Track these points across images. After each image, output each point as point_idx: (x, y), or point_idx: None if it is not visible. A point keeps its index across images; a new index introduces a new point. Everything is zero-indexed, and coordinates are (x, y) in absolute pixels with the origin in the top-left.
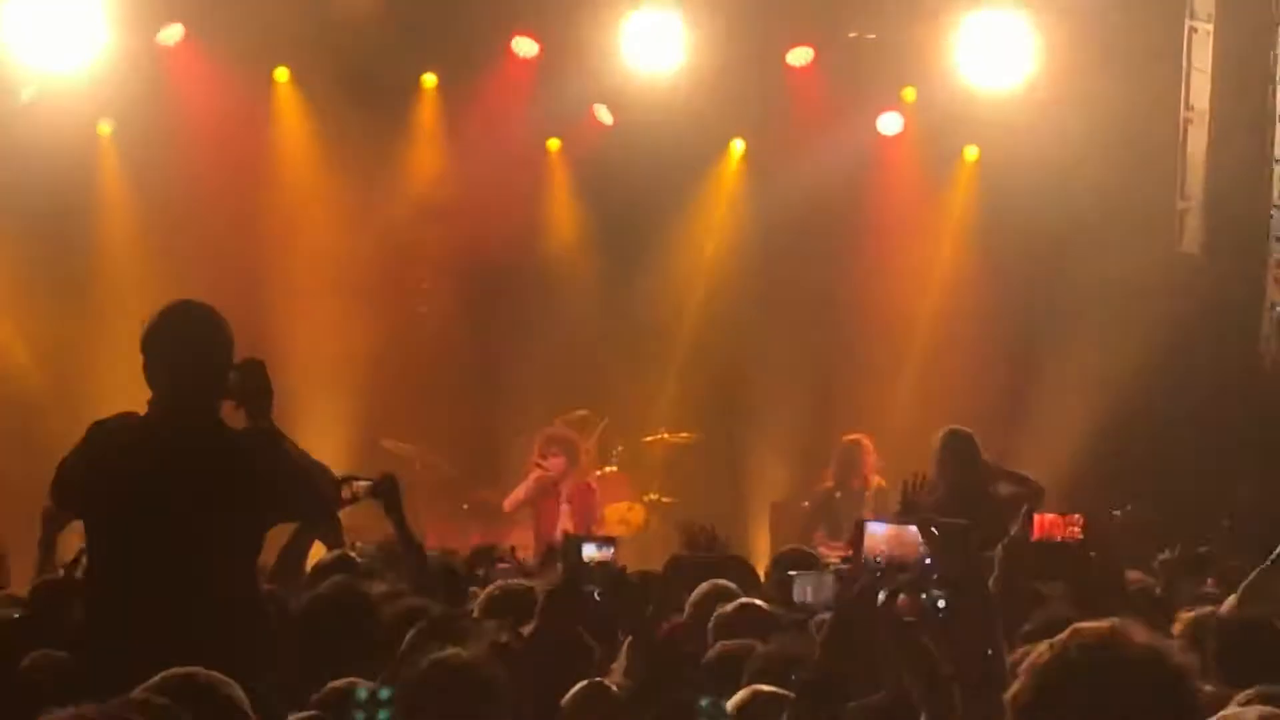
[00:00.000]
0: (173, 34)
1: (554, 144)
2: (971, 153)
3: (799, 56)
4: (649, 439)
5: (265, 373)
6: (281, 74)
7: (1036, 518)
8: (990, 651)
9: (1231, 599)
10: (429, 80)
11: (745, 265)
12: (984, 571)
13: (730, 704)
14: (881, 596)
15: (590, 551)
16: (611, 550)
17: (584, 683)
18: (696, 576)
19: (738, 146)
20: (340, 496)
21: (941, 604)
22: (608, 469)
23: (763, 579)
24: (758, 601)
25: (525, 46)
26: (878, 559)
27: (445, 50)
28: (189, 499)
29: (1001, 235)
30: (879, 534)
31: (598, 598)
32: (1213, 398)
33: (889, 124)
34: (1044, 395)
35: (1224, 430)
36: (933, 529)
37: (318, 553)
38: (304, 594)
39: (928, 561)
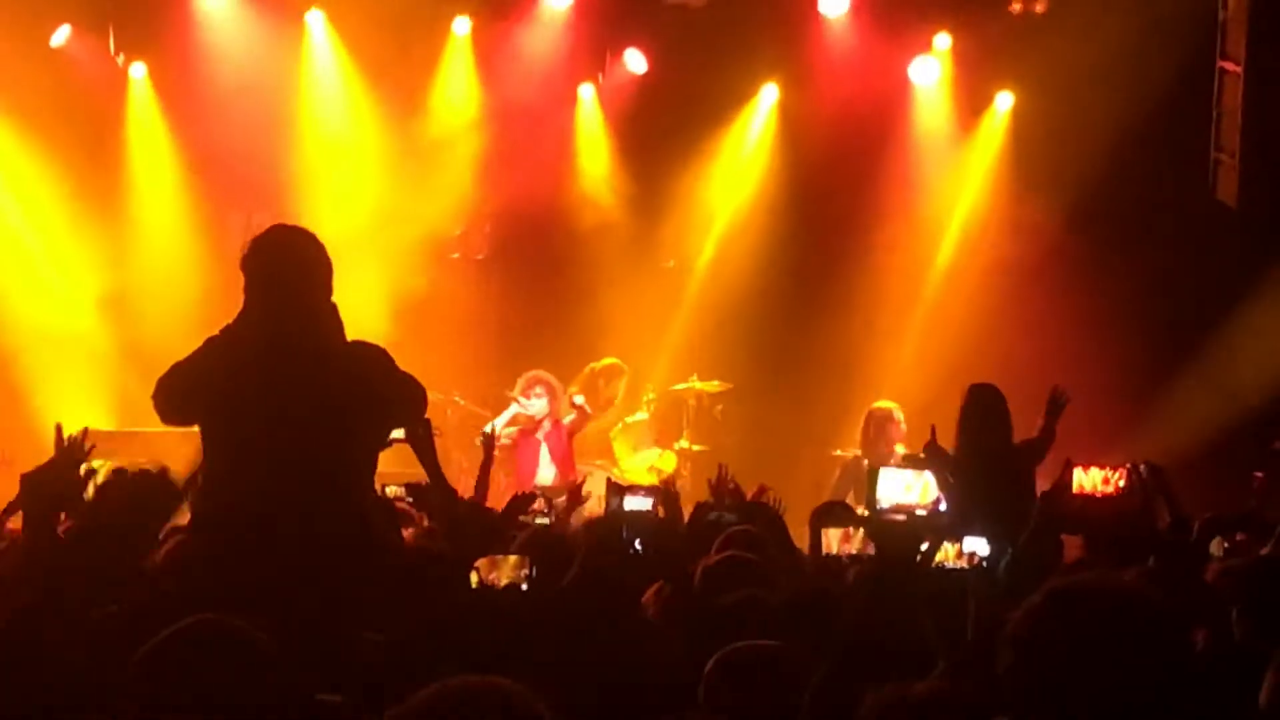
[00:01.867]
0: None
1: (585, 89)
2: (1005, 100)
3: (833, 1)
4: (679, 387)
5: (338, 315)
6: (315, 16)
7: (1077, 470)
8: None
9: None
10: (462, 24)
11: (776, 213)
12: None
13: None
14: (924, 547)
15: (632, 503)
16: (651, 501)
17: None
18: (722, 524)
19: (770, 92)
20: (425, 405)
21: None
22: (638, 416)
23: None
24: (745, 554)
25: None
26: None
27: None
28: (305, 407)
29: (1034, 184)
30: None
31: (638, 547)
32: (1248, 351)
33: (922, 71)
34: (1080, 346)
35: (1260, 384)
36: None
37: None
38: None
39: (941, 507)
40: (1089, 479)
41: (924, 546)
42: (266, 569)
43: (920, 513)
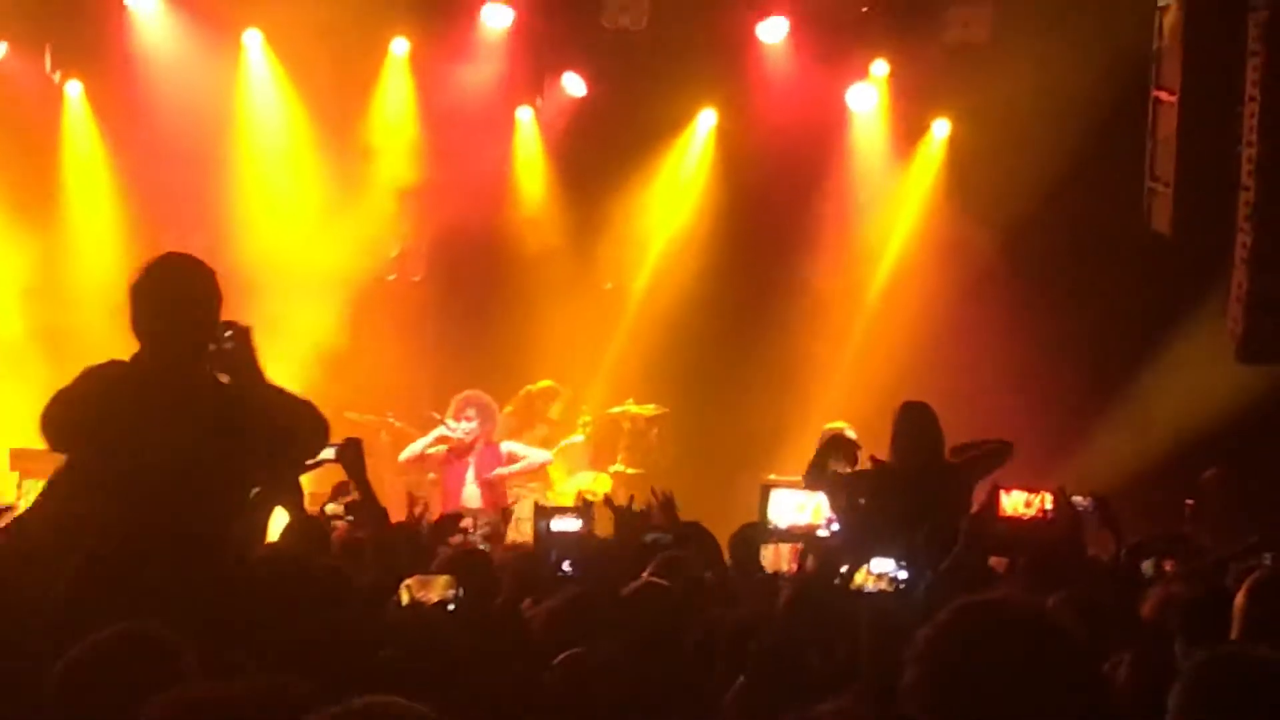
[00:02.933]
0: None
1: (524, 112)
2: (942, 128)
3: (771, 27)
4: (615, 410)
5: (251, 338)
6: (252, 36)
7: (1002, 494)
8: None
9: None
10: (400, 45)
11: (714, 237)
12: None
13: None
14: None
15: (560, 525)
16: (581, 524)
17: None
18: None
19: (708, 116)
20: (328, 434)
21: (903, 576)
22: (574, 439)
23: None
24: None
25: (498, 13)
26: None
27: (417, 15)
28: (186, 439)
29: (970, 211)
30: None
31: (567, 569)
32: (1180, 379)
33: (859, 98)
34: (1015, 371)
35: (1191, 412)
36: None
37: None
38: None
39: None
40: (1011, 502)
41: (843, 569)
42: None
43: (822, 533)
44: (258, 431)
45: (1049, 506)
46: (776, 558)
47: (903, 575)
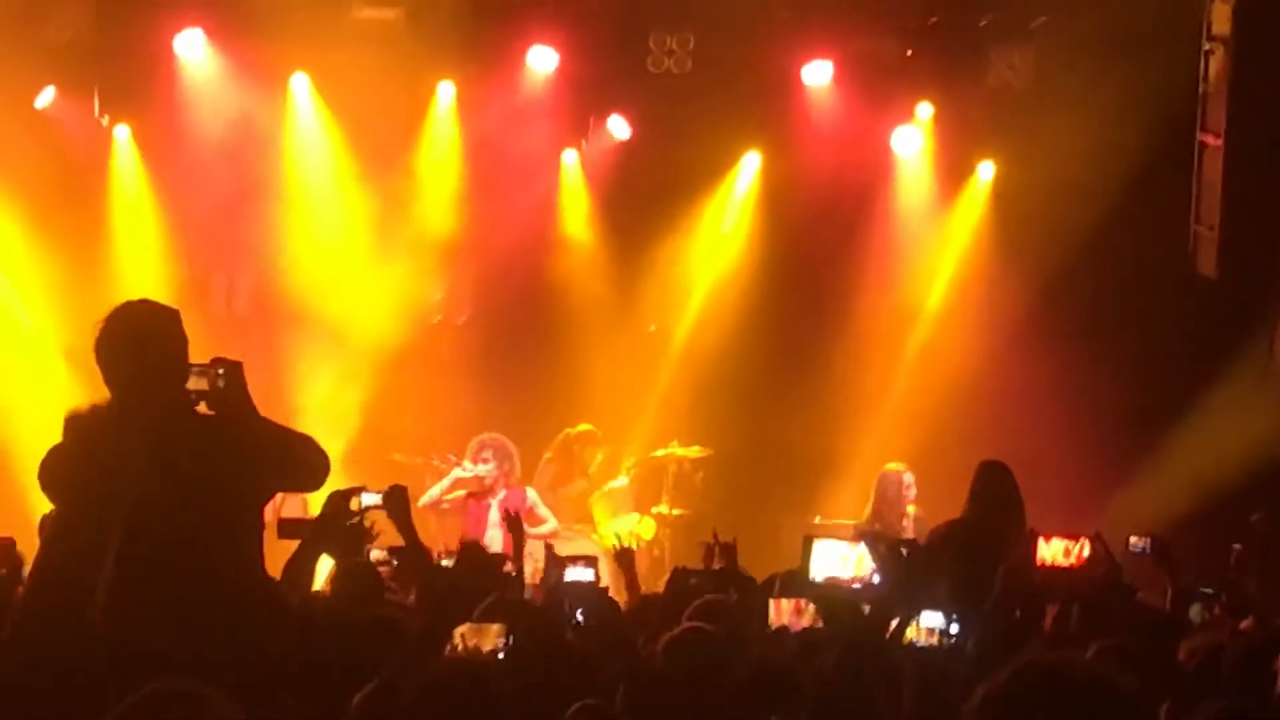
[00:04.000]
0: (190, 39)
1: (569, 154)
2: (986, 170)
3: (816, 71)
4: (660, 453)
5: (242, 374)
6: (299, 80)
7: (1040, 542)
8: None
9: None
10: (446, 88)
11: (757, 279)
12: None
13: None
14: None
15: (573, 574)
16: (593, 573)
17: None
18: (701, 590)
19: (752, 160)
20: (327, 467)
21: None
22: (618, 482)
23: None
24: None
25: (543, 57)
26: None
27: (462, 58)
28: (178, 481)
29: (1015, 253)
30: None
31: (580, 618)
32: (1226, 422)
33: (904, 141)
34: (1060, 414)
35: (1237, 455)
36: (878, 546)
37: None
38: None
39: (875, 579)
40: (1050, 550)
41: (894, 623)
42: (156, 647)
43: (856, 585)
44: (246, 464)
45: (1086, 554)
46: (778, 612)
47: (954, 630)
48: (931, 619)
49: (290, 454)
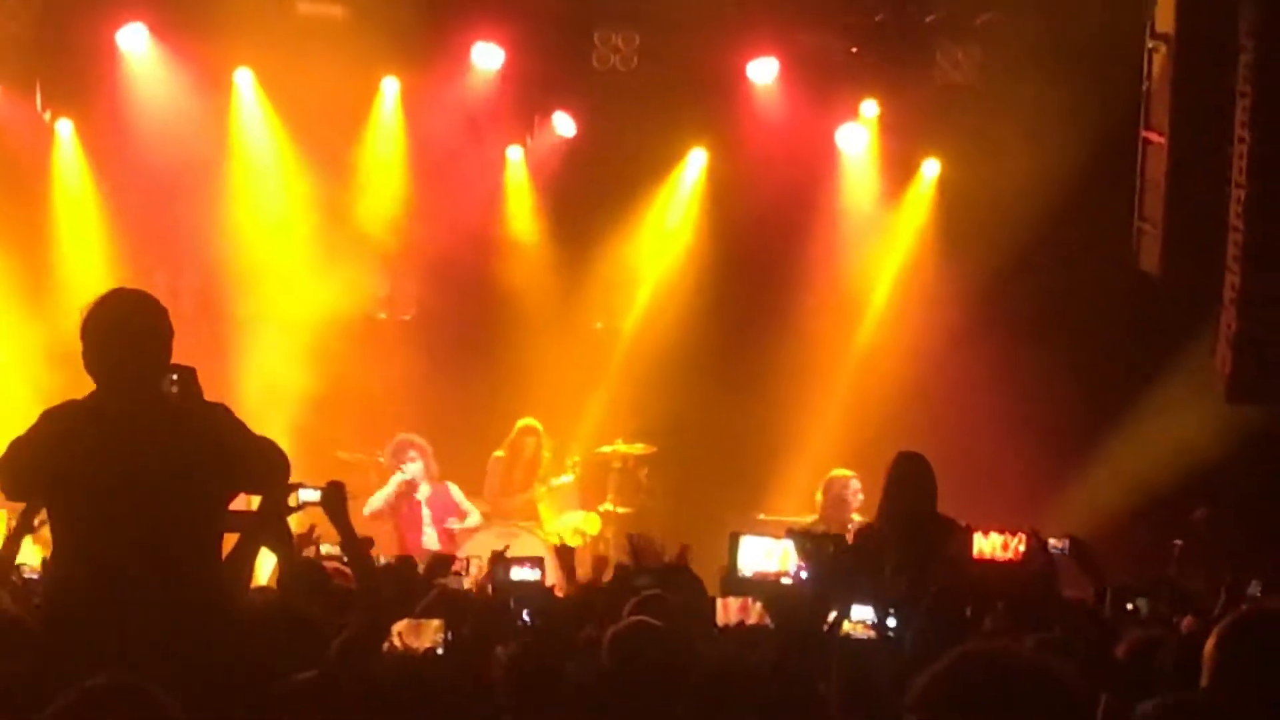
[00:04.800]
0: (133, 34)
1: (514, 151)
2: (931, 168)
3: (761, 68)
4: (605, 449)
5: (196, 380)
6: (243, 75)
7: (977, 536)
8: None
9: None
10: (390, 84)
11: (703, 276)
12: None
13: None
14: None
15: (519, 574)
16: (539, 573)
17: None
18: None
19: (698, 156)
20: (288, 471)
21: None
22: (563, 479)
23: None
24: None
25: (488, 54)
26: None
27: (407, 54)
28: (149, 473)
29: (959, 251)
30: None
31: (527, 619)
32: (1169, 419)
33: (849, 138)
34: (1003, 411)
35: (1180, 452)
36: (804, 542)
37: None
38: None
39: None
40: (989, 544)
41: (831, 616)
42: (116, 642)
43: (785, 580)
44: (215, 462)
45: (1021, 548)
46: (725, 611)
47: (890, 623)
48: (862, 612)
49: (254, 454)
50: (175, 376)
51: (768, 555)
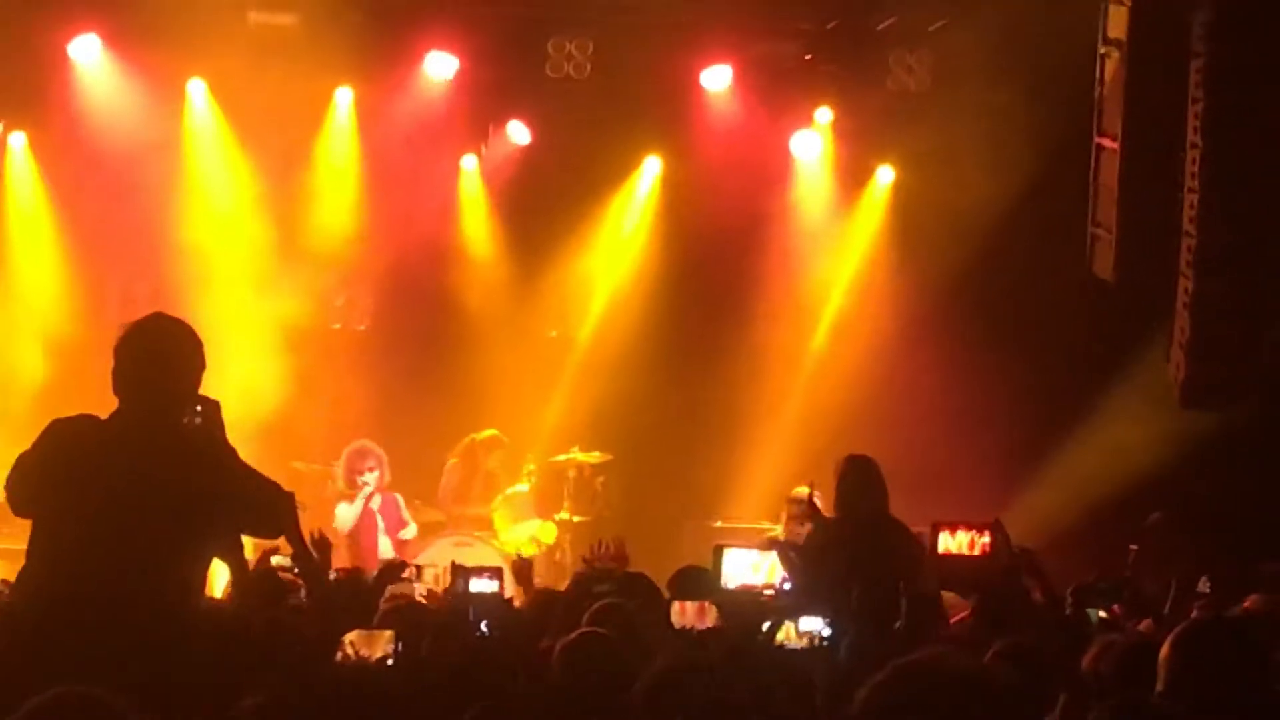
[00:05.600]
0: (86, 45)
1: (468, 160)
2: (886, 174)
3: (715, 75)
4: (560, 458)
5: (219, 413)
6: (196, 86)
7: (943, 533)
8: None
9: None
10: (344, 94)
11: (658, 284)
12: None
13: None
14: (766, 626)
15: (478, 585)
16: (498, 584)
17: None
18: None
19: (652, 164)
20: (293, 515)
21: (826, 633)
22: (519, 487)
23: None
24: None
25: (442, 62)
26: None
27: (360, 64)
28: (142, 502)
29: (914, 257)
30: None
31: (485, 629)
32: (1123, 424)
33: (804, 144)
34: (958, 416)
35: (1134, 456)
36: (789, 554)
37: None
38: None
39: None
40: (954, 541)
41: (765, 626)
42: (74, 658)
43: (767, 593)
44: (222, 501)
45: (987, 542)
46: (682, 613)
47: (826, 633)
48: (810, 623)
49: (262, 500)
50: (199, 408)
51: (754, 569)
